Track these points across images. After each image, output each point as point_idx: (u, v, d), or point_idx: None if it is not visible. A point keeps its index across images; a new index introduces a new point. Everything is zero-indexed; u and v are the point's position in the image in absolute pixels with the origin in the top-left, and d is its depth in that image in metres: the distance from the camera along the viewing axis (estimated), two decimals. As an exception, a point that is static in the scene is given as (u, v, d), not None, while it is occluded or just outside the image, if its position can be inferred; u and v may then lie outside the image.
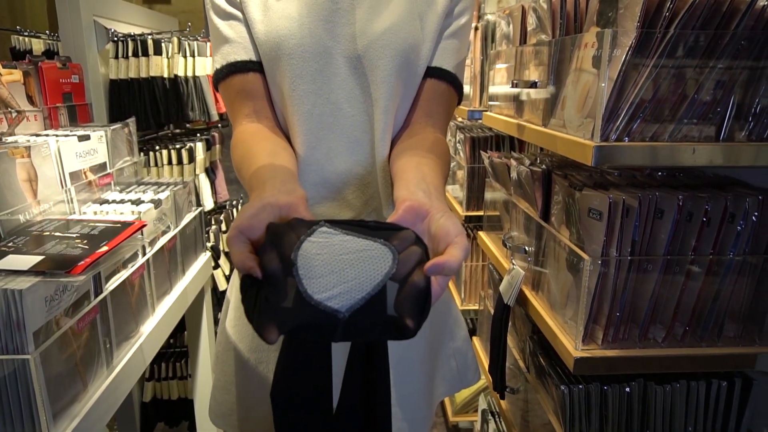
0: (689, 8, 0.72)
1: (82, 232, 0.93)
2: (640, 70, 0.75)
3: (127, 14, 1.63)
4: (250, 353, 0.94)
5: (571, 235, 0.90)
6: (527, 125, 1.02)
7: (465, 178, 1.67)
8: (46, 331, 0.78)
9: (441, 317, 0.99)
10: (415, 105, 0.88)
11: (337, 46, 0.81)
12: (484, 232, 1.42)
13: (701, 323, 0.85)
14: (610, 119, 0.76)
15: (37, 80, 1.24)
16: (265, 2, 0.81)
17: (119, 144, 1.35)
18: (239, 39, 0.83)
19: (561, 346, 0.87)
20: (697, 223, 0.81)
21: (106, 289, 0.95)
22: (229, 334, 0.97)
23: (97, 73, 1.50)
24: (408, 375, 0.92)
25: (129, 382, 1.04)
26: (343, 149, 0.84)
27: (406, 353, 0.92)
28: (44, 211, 1.03)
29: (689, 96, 0.76)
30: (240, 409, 0.96)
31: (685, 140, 0.77)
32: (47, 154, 1.05)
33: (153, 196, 1.26)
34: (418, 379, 0.93)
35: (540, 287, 1.03)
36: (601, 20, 0.81)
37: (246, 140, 0.81)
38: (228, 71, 0.83)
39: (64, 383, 0.82)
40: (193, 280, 1.42)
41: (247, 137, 0.82)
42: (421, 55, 0.84)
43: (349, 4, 0.81)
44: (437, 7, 0.85)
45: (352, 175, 0.86)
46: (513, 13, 1.17)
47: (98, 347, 0.92)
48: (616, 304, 0.83)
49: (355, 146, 0.84)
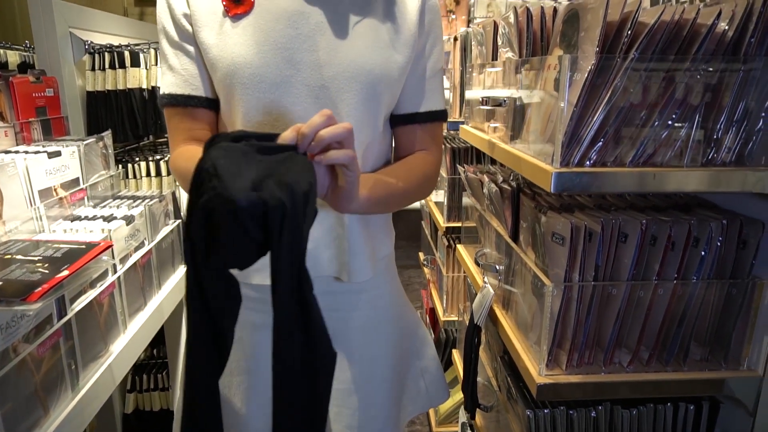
0: (648, 32, 0.71)
1: (45, 255, 0.92)
2: (601, 94, 0.74)
3: (105, 24, 1.62)
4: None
5: (537, 257, 0.89)
6: (497, 143, 1.01)
7: (446, 190, 1.66)
8: (3, 358, 0.78)
9: (407, 338, 0.98)
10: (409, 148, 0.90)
11: (298, 75, 0.78)
12: (462, 245, 1.42)
13: (667, 347, 0.84)
14: (570, 144, 0.75)
15: (8, 95, 1.23)
16: (220, 25, 0.79)
17: (93, 158, 1.34)
18: (182, 71, 0.82)
19: (525, 371, 0.86)
20: (661, 247, 0.80)
21: (71, 310, 0.94)
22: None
23: (73, 85, 1.48)
24: (372, 397, 0.91)
25: (97, 403, 1.03)
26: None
27: (371, 375, 0.91)
28: (11, 231, 1.02)
29: (651, 120, 0.75)
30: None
31: (648, 165, 0.76)
32: (14, 173, 1.04)
33: (126, 211, 1.25)
34: (383, 401, 0.92)
35: (509, 307, 1.02)
36: (563, 42, 0.80)
37: (188, 151, 0.81)
38: (167, 101, 0.83)
39: (22, 410, 0.81)
40: (170, 294, 1.41)
41: (190, 151, 0.81)
42: (390, 87, 0.83)
43: (310, 30, 0.79)
44: (405, 38, 0.84)
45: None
46: (486, 27, 1.16)
47: (62, 370, 0.91)
48: (580, 329, 0.82)
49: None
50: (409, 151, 0.90)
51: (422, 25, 0.86)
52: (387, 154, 0.92)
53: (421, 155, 0.89)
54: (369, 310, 0.91)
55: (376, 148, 0.88)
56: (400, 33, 0.84)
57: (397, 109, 0.88)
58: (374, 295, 0.92)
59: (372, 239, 0.89)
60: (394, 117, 0.89)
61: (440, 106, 0.90)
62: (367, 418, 0.90)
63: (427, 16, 0.87)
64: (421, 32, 0.86)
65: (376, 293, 0.92)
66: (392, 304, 0.95)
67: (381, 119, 0.85)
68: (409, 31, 0.85)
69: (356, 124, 0.79)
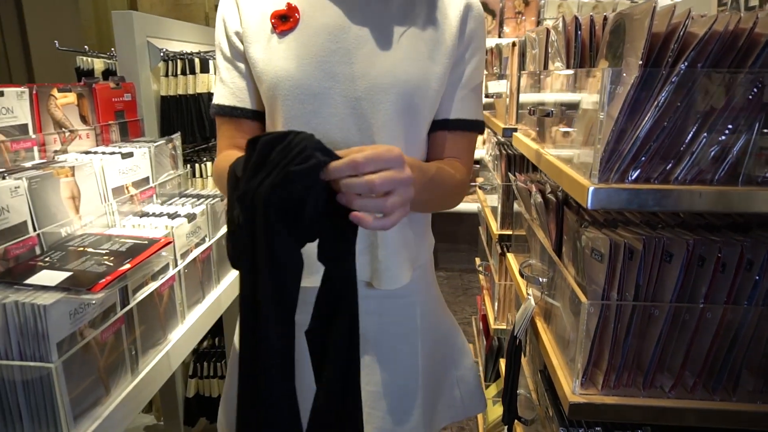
0: (698, 43, 0.68)
1: (112, 248, 1.01)
2: (645, 107, 0.71)
3: (180, 33, 1.73)
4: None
5: (578, 272, 0.87)
6: (543, 154, 0.99)
7: (500, 197, 1.63)
8: (71, 341, 0.86)
9: (443, 347, 0.99)
10: (438, 154, 0.90)
11: (336, 87, 0.81)
12: (512, 254, 1.39)
13: (714, 374, 0.80)
14: (611, 159, 0.72)
15: (91, 100, 1.35)
16: (268, 41, 0.84)
17: (163, 159, 1.44)
18: (231, 84, 0.87)
19: (560, 387, 0.84)
20: (710, 269, 0.76)
21: (134, 300, 1.03)
22: (236, 348, 1.01)
23: (149, 90, 1.60)
24: (403, 402, 0.92)
25: (154, 386, 1.11)
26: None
27: (402, 380, 0.92)
28: (86, 225, 1.13)
29: (700, 135, 0.71)
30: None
31: (697, 182, 0.73)
32: (90, 172, 1.14)
33: (190, 209, 1.33)
34: (414, 407, 0.93)
35: (551, 321, 1.00)
36: (609, 53, 0.78)
37: (228, 156, 0.86)
38: (215, 111, 0.88)
39: (87, 388, 0.89)
40: (228, 288, 1.49)
41: (230, 155, 0.86)
42: (428, 98, 0.84)
43: (350, 43, 0.81)
44: (445, 47, 0.84)
45: None
46: (539, 34, 1.14)
47: (123, 355, 1.00)
48: (618, 349, 0.80)
49: None
50: (438, 157, 0.90)
51: (463, 34, 0.87)
52: None
53: (453, 162, 0.89)
54: (401, 317, 0.92)
55: (417, 158, 0.89)
56: (440, 42, 0.85)
57: None
58: (408, 302, 0.93)
59: (407, 247, 0.90)
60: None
61: (473, 116, 0.89)
62: (397, 422, 0.91)
63: (469, 25, 0.87)
64: (461, 41, 0.86)
65: (410, 301, 0.93)
66: (427, 312, 0.96)
67: (420, 130, 0.86)
68: (449, 40, 0.85)
69: (391, 134, 0.81)
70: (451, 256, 4.17)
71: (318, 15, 0.83)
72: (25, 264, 0.92)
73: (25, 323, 0.81)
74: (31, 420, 0.84)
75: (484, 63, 0.92)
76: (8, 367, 0.82)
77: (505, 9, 3.46)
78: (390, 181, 0.60)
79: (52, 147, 1.22)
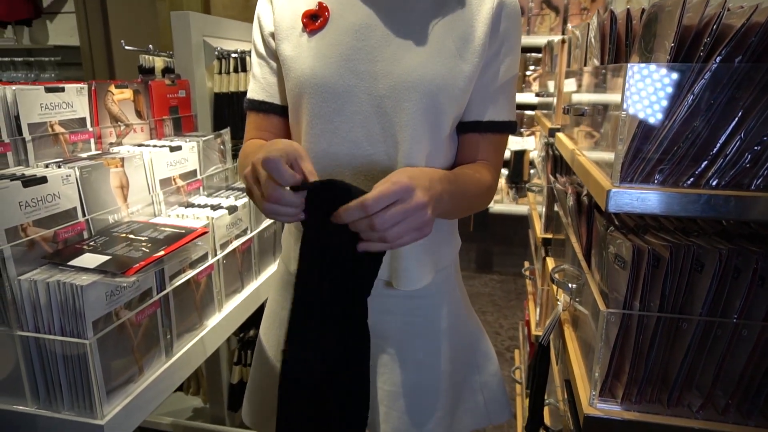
0: (734, 36, 0.63)
1: (151, 236, 1.07)
2: (674, 106, 0.66)
3: (233, 32, 1.80)
4: (277, 359, 1.01)
5: (602, 279, 0.83)
6: (577, 155, 0.95)
7: (545, 199, 1.58)
8: (106, 320, 0.92)
9: (465, 351, 0.97)
10: (470, 157, 0.89)
11: (360, 85, 0.81)
12: (551, 258, 1.35)
13: (749, 396, 0.73)
14: (634, 160, 0.68)
15: (147, 96, 1.44)
16: (298, 39, 0.85)
17: (210, 153, 1.50)
18: (262, 80, 0.90)
19: (578, 398, 0.80)
20: (746, 282, 0.70)
21: (170, 285, 1.08)
22: (262, 341, 1.04)
23: (203, 87, 1.68)
24: (421, 404, 0.91)
25: (187, 369, 1.16)
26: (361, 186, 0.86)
27: (420, 381, 0.92)
28: (133, 213, 1.20)
29: (735, 138, 0.66)
30: (268, 411, 1.04)
31: (730, 187, 0.67)
32: (139, 164, 1.21)
33: (233, 201, 1.38)
34: (432, 409, 0.92)
35: (579, 328, 0.96)
36: (640, 48, 0.74)
37: (252, 142, 0.89)
38: (246, 105, 0.91)
39: (121, 366, 0.95)
40: (269, 280, 1.53)
41: (254, 143, 0.89)
42: (454, 97, 0.82)
43: (375, 42, 0.81)
44: (476, 45, 0.82)
45: None
46: (582, 31, 1.09)
47: (158, 337, 1.05)
48: (641, 362, 0.75)
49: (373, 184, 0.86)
50: (470, 159, 0.89)
51: (496, 32, 0.84)
52: (452, 162, 0.92)
53: (480, 165, 0.88)
54: (423, 318, 0.91)
55: (441, 158, 0.87)
56: (470, 41, 0.83)
57: (462, 116, 0.88)
58: (429, 304, 0.92)
59: (430, 250, 0.89)
60: (458, 124, 0.88)
61: (505, 117, 0.87)
62: (414, 423, 0.91)
63: (503, 23, 0.84)
64: (493, 40, 0.84)
65: (431, 302, 0.92)
66: (448, 315, 0.94)
67: (445, 129, 0.84)
68: (480, 38, 0.83)
69: (415, 133, 0.80)
70: (506, 259, 4.08)
71: (347, 14, 0.84)
72: (72, 247, 0.99)
73: (65, 301, 0.87)
74: (69, 391, 0.91)
75: (518, 61, 0.89)
76: (51, 342, 0.89)
77: (569, 5, 3.34)
78: (392, 216, 0.66)
79: (108, 139, 1.31)
